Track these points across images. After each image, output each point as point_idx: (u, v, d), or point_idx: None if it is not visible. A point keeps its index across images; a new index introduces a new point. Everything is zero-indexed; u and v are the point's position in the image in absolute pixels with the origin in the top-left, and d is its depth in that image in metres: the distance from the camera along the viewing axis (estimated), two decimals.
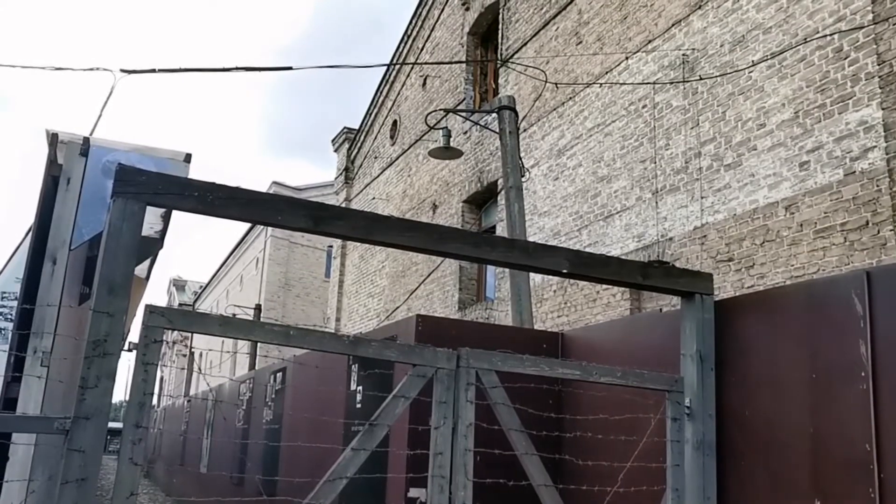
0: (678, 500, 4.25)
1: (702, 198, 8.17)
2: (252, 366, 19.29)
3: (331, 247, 22.66)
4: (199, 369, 36.51)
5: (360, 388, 6.59)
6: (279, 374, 9.66)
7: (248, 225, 32.31)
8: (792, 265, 6.91)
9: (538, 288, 10.48)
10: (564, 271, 4.20)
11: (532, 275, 10.59)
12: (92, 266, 7.66)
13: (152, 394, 3.26)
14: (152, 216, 7.68)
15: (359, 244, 18.30)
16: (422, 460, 3.90)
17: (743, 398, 4.34)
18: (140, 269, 9.54)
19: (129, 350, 3.51)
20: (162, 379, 52.41)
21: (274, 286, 27.71)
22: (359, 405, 6.43)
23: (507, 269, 10.06)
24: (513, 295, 7.50)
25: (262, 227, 29.66)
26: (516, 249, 4.23)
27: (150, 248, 8.14)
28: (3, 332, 5.89)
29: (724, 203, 7.91)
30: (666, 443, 4.35)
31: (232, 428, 12.16)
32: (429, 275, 13.06)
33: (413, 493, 4.72)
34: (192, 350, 40.87)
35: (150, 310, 3.33)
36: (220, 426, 13.59)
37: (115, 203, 3.36)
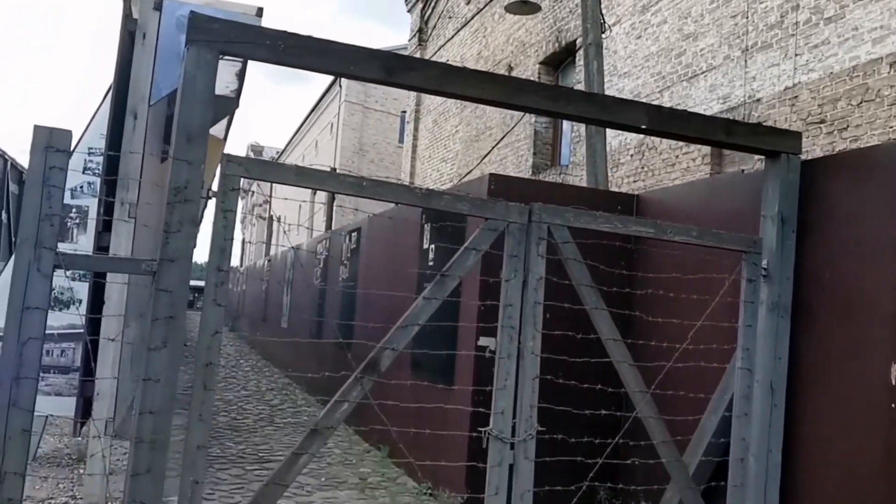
0: (748, 358, 4.25)
1: (796, 55, 7.65)
2: (329, 228, 19.77)
3: (404, 112, 22.47)
4: (278, 220, 37.71)
5: (432, 245, 6.69)
6: (354, 234, 9.88)
7: (322, 89, 32.24)
8: (891, 127, 6.48)
9: (615, 152, 10.21)
10: (643, 127, 4.05)
11: (609, 139, 10.30)
12: (171, 125, 7.81)
13: (232, 240, 3.37)
14: (227, 75, 7.71)
15: (433, 107, 18.08)
16: (492, 312, 3.97)
17: (824, 261, 4.22)
18: (217, 130, 9.70)
19: (209, 198, 3.61)
20: (244, 241, 54.49)
21: (348, 151, 27.88)
22: (431, 262, 6.55)
23: (582, 133, 9.80)
24: (588, 157, 7.33)
25: (336, 91, 29.55)
26: (594, 103, 4.08)
27: (227, 107, 8.23)
28: (91, 185, 6.14)
29: (821, 60, 7.39)
30: (739, 303, 4.30)
31: (310, 285, 12.64)
32: (502, 137, 12.86)
33: (483, 341, 4.85)
34: (272, 215, 42.11)
35: (228, 159, 3.38)
36: (298, 284, 14.14)
37: (189, 52, 3.35)
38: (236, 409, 9.98)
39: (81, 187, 6.26)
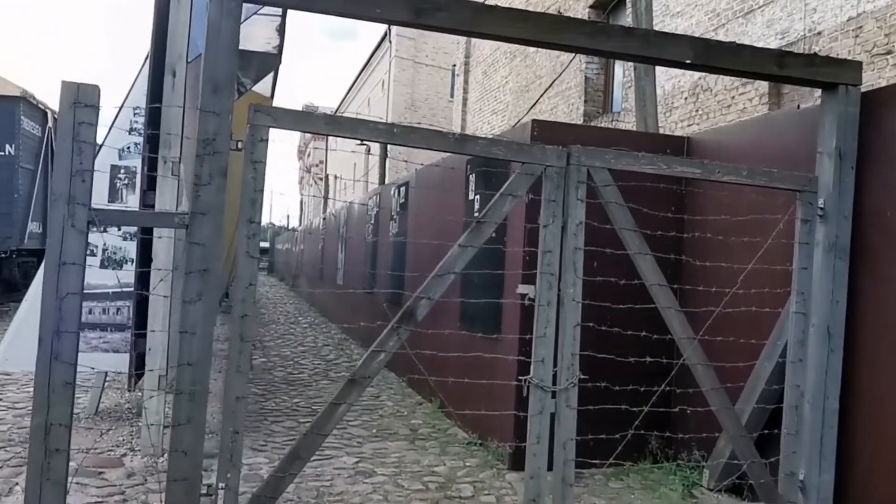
0: (803, 303, 4.06)
1: None
2: (382, 184, 19.78)
3: (455, 66, 22.15)
4: (335, 178, 38.03)
5: (477, 196, 6.59)
6: (402, 189, 9.83)
7: (373, 46, 32.05)
8: None
9: (667, 96, 9.86)
10: (688, 62, 3.84)
11: (661, 82, 9.95)
12: None
13: (262, 191, 3.34)
14: (268, 31, 7.67)
15: (482, 59, 17.77)
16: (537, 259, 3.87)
17: (886, 199, 3.98)
18: (263, 88, 9.68)
19: (238, 149, 3.57)
20: (302, 202, 55.19)
21: (400, 107, 27.75)
22: (476, 212, 6.45)
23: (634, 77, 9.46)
24: (637, 100, 7.07)
25: (386, 47, 29.34)
26: (634, 38, 3.88)
27: (270, 63, 8.21)
28: (138, 146, 6.20)
29: None
30: (794, 245, 4.11)
31: (362, 242, 12.70)
32: (550, 85, 12.55)
33: (521, 289, 4.76)
34: (327, 175, 42.44)
35: (256, 109, 3.34)
36: (352, 241, 14.23)
37: (212, 1, 3.29)
38: (292, 364, 10.16)
39: (129, 148, 6.33)
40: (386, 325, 3.61)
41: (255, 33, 7.67)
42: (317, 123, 3.39)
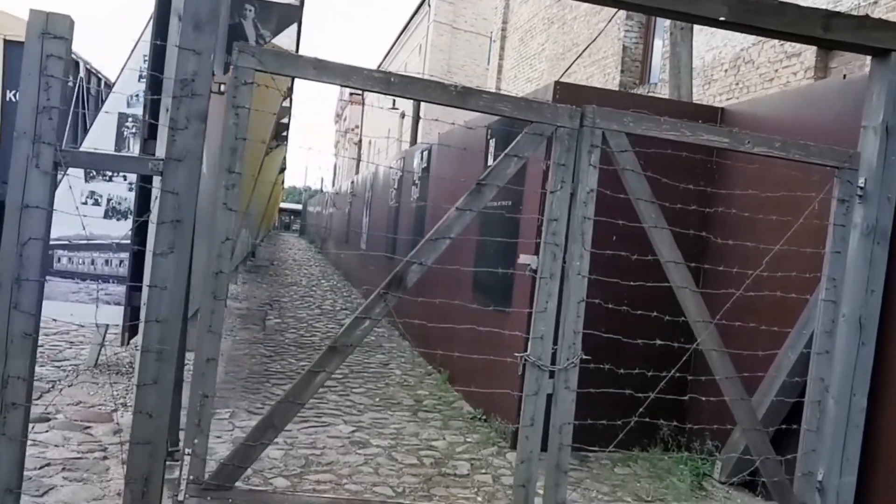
0: (834, 290, 3.72)
1: None
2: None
3: (492, 31, 21.62)
4: (369, 143, 37.82)
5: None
6: (425, 154, 9.54)
7: (411, 10, 31.53)
8: None
9: (707, 67, 9.37)
10: (721, 19, 3.48)
11: (702, 52, 9.47)
12: (235, 35, 7.55)
13: (244, 139, 3.09)
14: None
15: (519, 25, 17.27)
16: None
17: None
18: (287, 42, 9.39)
19: (220, 92, 3.33)
20: (335, 166, 55.13)
21: (436, 73, 27.26)
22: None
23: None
24: (671, 68, 6.65)
25: (425, 12, 28.80)
26: None
27: (291, 15, 7.89)
28: (138, 96, 5.98)
29: None
30: (828, 226, 3.75)
31: (386, 207, 12.47)
32: (583, 51, 12.07)
33: (523, 259, 4.47)
34: (361, 139, 42.22)
35: (240, 49, 3.07)
36: (376, 206, 14.01)
37: None
38: (305, 327, 10.02)
39: (137, 95, 6.12)
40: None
41: None
42: (305, 68, 3.11)
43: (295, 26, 8.76)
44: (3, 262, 2.88)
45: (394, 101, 25.10)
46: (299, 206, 55.64)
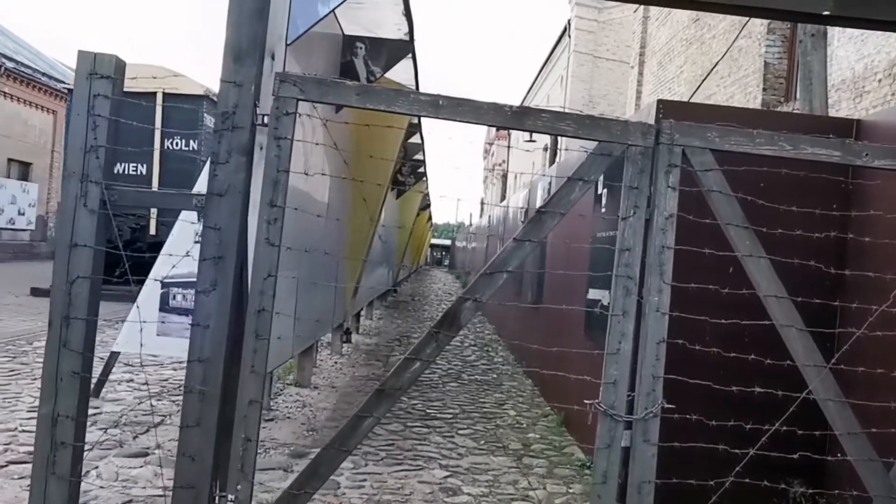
0: None
1: None
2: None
3: (631, 58, 21.00)
4: (515, 177, 37.83)
5: (604, 190, 5.88)
6: (547, 185, 9.23)
7: (552, 42, 31.38)
8: None
9: (858, 78, 8.45)
10: (825, 13, 3.00)
11: (852, 63, 8.58)
12: (346, 73, 7.63)
13: (287, 171, 2.96)
14: (395, 15, 7.36)
15: (657, 48, 16.62)
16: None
17: None
18: (405, 78, 9.42)
19: (264, 124, 3.24)
20: (482, 201, 55.56)
21: (577, 104, 26.84)
22: (603, 208, 5.76)
23: None
24: (802, 79, 5.98)
25: (565, 43, 28.55)
26: None
27: (401, 50, 7.91)
28: None
29: None
30: None
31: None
32: (713, 67, 11.31)
33: (593, 294, 4.05)
34: (507, 173, 42.36)
35: (281, 78, 2.97)
36: (507, 240, 13.83)
37: None
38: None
39: None
40: (529, 331, 3.12)
41: (384, 19, 7.42)
42: (347, 95, 2.96)
43: (410, 62, 8.79)
44: (53, 300, 2.90)
45: (530, 134, 24.98)
46: (448, 242, 56.53)
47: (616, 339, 2.98)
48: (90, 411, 5.90)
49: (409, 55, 8.16)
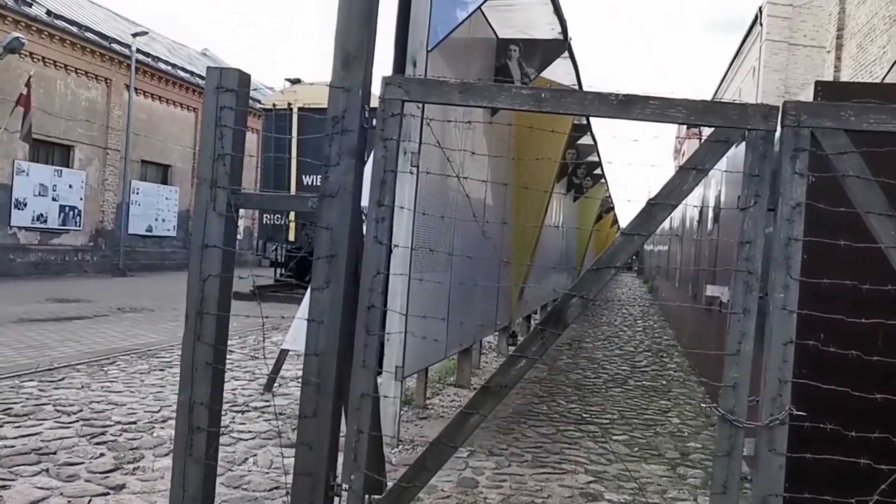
0: None
1: None
2: None
3: (828, 41, 19.26)
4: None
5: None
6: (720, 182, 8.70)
7: (742, 33, 29.56)
8: None
9: None
10: None
11: None
12: (501, 76, 7.68)
13: (394, 171, 3.04)
14: (547, 15, 7.33)
15: (857, 29, 15.14)
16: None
17: None
18: (567, 78, 9.31)
19: (372, 126, 3.33)
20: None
21: (771, 96, 25.01)
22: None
23: None
24: None
25: (757, 31, 26.80)
26: None
27: (555, 50, 7.85)
28: None
29: None
30: None
31: (691, 240, 11.63)
32: None
33: (710, 290, 3.73)
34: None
35: (387, 81, 3.05)
36: (686, 240, 13.17)
37: None
38: (595, 368, 9.66)
39: None
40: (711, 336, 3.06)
41: (537, 19, 7.38)
42: (450, 93, 2.98)
43: (569, 62, 8.67)
44: (188, 297, 3.17)
45: (699, 129, 23.55)
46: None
47: (736, 338, 2.76)
48: (260, 404, 6.41)
49: (566, 55, 8.06)
